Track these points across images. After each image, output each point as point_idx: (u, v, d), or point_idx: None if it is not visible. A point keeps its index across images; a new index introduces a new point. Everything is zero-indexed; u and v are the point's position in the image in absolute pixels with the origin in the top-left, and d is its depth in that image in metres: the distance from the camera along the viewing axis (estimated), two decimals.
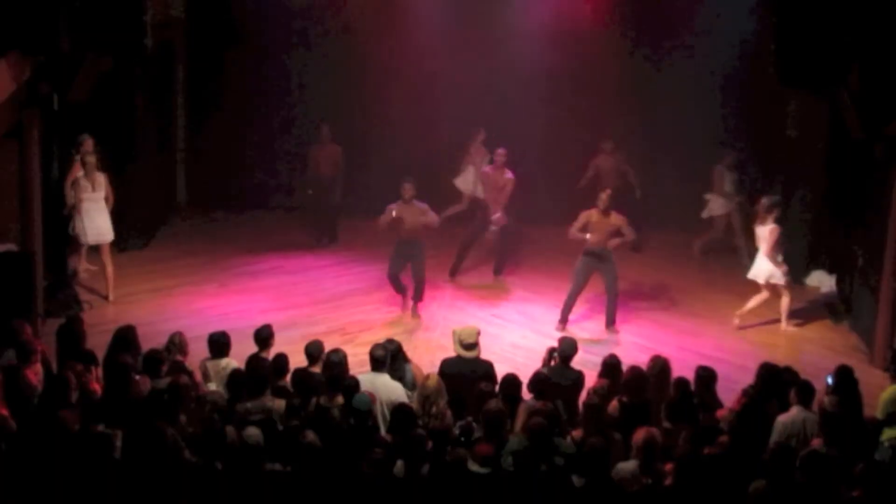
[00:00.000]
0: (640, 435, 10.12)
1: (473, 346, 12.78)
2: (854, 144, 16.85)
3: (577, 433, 10.96)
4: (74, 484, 10.06)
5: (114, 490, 10.03)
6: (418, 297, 17.25)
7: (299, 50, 21.36)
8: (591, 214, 16.58)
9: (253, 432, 10.23)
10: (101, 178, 17.35)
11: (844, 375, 12.14)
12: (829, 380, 12.23)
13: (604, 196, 16.65)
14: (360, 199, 20.53)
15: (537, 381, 11.77)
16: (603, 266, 16.75)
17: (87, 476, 10.10)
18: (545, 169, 20.81)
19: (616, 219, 16.65)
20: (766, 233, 16.89)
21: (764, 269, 17.01)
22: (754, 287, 18.09)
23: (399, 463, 10.18)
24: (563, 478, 9.99)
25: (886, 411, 11.99)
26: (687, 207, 20.06)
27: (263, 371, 11.82)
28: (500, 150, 18.35)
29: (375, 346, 12.29)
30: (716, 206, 19.76)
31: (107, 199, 17.47)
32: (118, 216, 18.65)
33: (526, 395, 11.74)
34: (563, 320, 16.83)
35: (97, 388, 11.62)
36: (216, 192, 21.89)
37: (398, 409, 10.94)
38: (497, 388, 11.83)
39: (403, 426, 10.63)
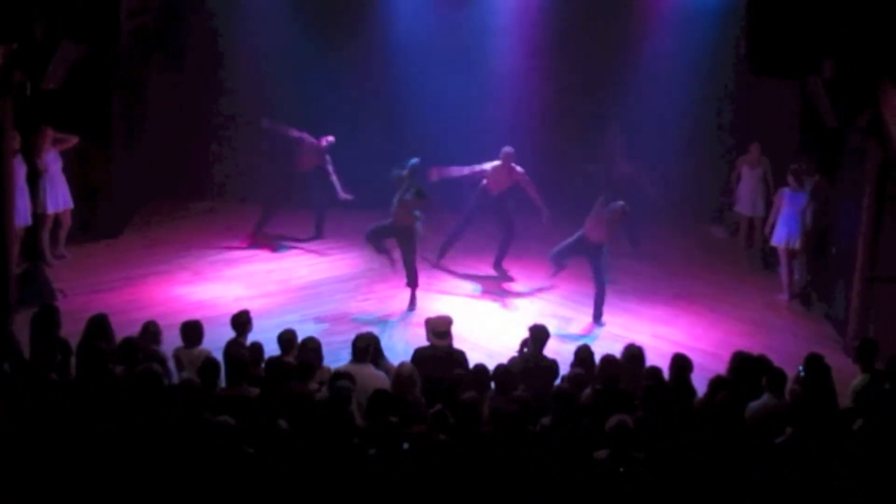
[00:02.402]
0: (612, 423, 10.13)
1: (445, 334, 12.82)
2: (827, 133, 16.90)
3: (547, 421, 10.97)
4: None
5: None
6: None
7: (275, 35, 21.25)
8: None
9: (227, 419, 10.22)
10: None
11: (815, 364, 12.20)
12: (801, 369, 12.29)
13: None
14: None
15: (500, 372, 11.78)
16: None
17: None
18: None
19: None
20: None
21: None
22: (728, 276, 18.26)
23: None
24: (534, 465, 9.99)
25: (855, 400, 12.05)
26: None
27: (241, 358, 11.79)
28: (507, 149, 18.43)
29: (359, 337, 12.26)
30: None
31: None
32: (91, 204, 18.68)
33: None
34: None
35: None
36: (190, 181, 21.84)
37: (376, 395, 10.92)
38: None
39: (379, 412, 10.60)
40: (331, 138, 19.45)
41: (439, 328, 12.86)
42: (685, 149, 20.79)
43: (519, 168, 18.30)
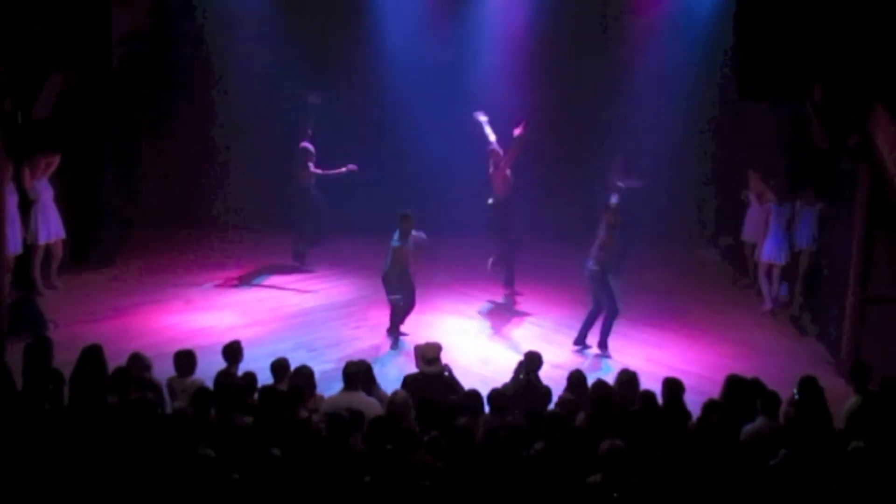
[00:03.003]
0: (605, 447, 10.11)
1: (435, 360, 12.85)
2: (818, 156, 16.96)
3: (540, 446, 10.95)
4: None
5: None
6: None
7: (265, 59, 21.30)
8: None
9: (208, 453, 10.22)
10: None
11: (809, 386, 12.19)
12: (795, 391, 12.28)
13: None
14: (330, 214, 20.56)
15: (494, 397, 11.76)
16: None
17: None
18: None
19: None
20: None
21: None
22: (720, 298, 18.29)
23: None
24: (527, 490, 9.97)
25: (849, 422, 12.05)
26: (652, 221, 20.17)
27: (233, 387, 11.76)
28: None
29: (349, 364, 12.23)
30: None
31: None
32: (83, 234, 18.69)
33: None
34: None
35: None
36: (181, 209, 21.84)
37: (377, 421, 10.90)
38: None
39: (376, 439, 10.59)
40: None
41: (428, 354, 12.89)
42: (675, 173, 20.83)
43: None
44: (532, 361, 12.83)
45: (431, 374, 12.83)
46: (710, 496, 9.85)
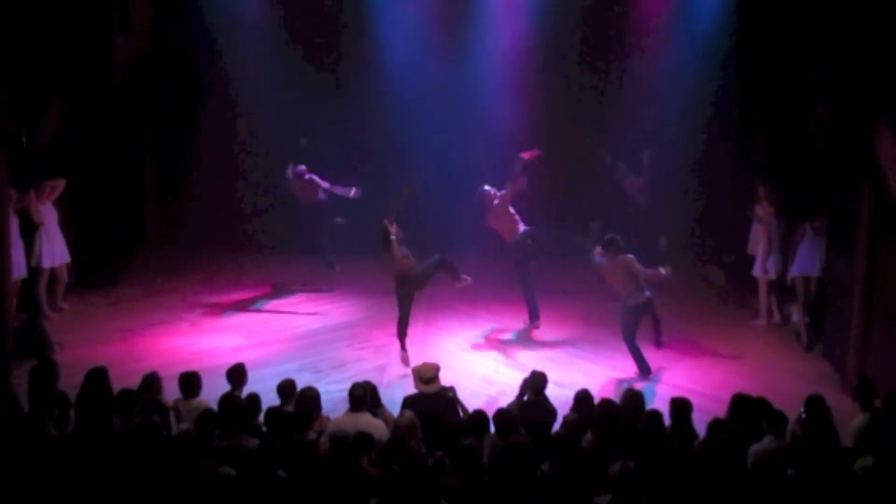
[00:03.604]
0: (615, 468, 10.11)
1: (432, 380, 12.85)
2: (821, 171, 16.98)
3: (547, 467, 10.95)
4: None
5: None
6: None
7: (266, 81, 21.33)
8: None
9: (228, 470, 10.21)
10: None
11: (816, 404, 12.18)
12: (802, 410, 12.28)
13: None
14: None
15: (500, 417, 11.76)
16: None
17: None
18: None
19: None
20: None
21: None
22: (726, 317, 18.31)
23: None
24: None
25: (856, 440, 12.04)
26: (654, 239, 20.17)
27: (237, 410, 11.77)
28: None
29: (355, 386, 12.24)
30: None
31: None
32: (88, 256, 18.72)
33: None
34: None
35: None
36: (187, 230, 21.90)
37: (389, 445, 10.90)
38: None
39: (383, 461, 10.61)
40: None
41: (426, 374, 12.91)
42: (682, 192, 20.88)
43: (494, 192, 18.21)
44: (537, 381, 12.82)
45: (430, 394, 12.83)
46: None
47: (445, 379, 13.14)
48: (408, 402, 12.66)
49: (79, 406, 12.15)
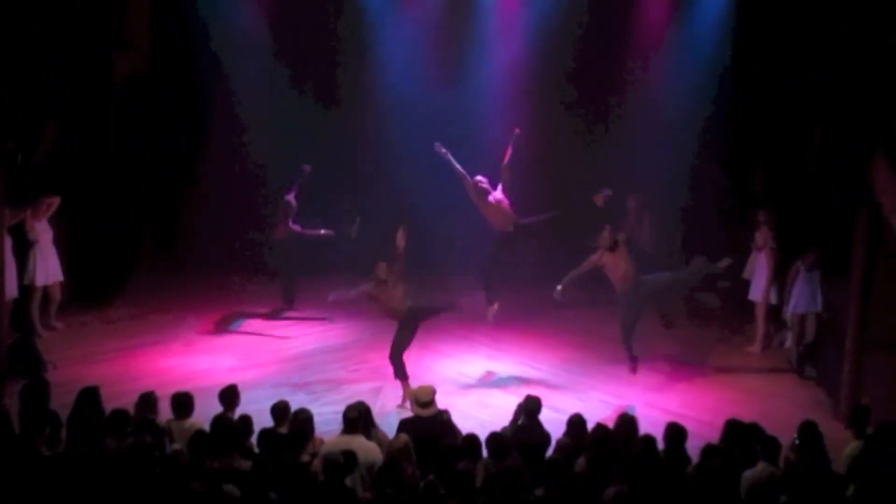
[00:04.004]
0: (609, 493, 10.09)
1: (429, 403, 12.83)
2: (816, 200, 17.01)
3: (541, 492, 10.93)
4: None
5: None
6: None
7: (262, 100, 21.35)
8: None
9: (229, 488, 10.21)
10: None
11: (809, 430, 12.17)
12: (796, 436, 12.28)
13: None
14: (322, 257, 20.56)
15: (492, 441, 11.74)
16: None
17: None
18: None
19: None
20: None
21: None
22: (720, 343, 18.31)
23: None
24: None
25: (849, 467, 12.04)
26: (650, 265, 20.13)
27: (229, 431, 11.74)
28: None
29: (349, 408, 12.21)
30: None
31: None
32: (82, 274, 18.70)
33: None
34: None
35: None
36: (182, 249, 21.90)
37: (384, 469, 10.89)
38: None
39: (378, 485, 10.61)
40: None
41: (423, 398, 12.87)
42: (679, 215, 20.88)
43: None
44: (531, 405, 12.80)
45: (427, 418, 12.81)
46: None
47: (439, 402, 13.12)
48: (404, 425, 12.64)
49: (70, 426, 12.12)
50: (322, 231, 19.47)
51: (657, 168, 20.67)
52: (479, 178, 18.00)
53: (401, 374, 16.11)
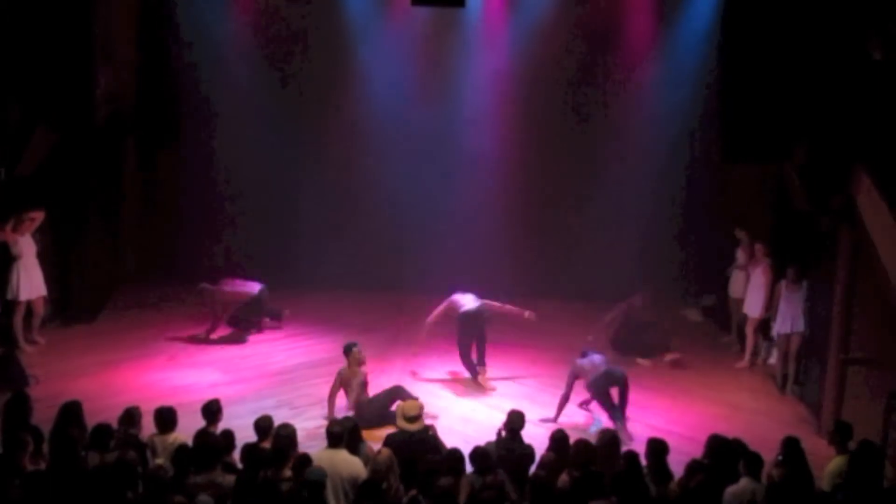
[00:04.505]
0: None
1: (416, 418, 12.84)
2: (799, 217, 17.05)
3: None
4: None
5: None
6: None
7: (247, 118, 21.33)
8: None
9: (205, 499, 10.19)
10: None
11: (792, 446, 12.21)
12: (780, 452, 12.32)
13: None
14: (305, 272, 20.58)
15: (477, 456, 11.74)
16: None
17: None
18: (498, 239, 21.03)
19: None
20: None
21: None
22: (703, 359, 18.34)
23: None
24: None
25: (832, 483, 12.07)
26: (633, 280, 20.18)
27: (212, 446, 11.72)
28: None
29: (332, 423, 12.26)
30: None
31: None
32: (66, 288, 18.68)
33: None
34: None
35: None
36: (165, 264, 21.90)
37: (367, 484, 10.88)
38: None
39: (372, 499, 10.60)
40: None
41: (410, 413, 12.88)
42: (660, 233, 20.96)
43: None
44: (514, 421, 12.81)
45: (413, 433, 12.81)
46: None
47: (423, 416, 13.13)
48: (390, 441, 12.63)
49: (52, 441, 12.09)
50: (257, 288, 19.24)
51: (644, 186, 20.78)
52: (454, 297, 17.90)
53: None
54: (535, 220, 21.48)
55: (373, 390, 16.02)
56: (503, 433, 12.85)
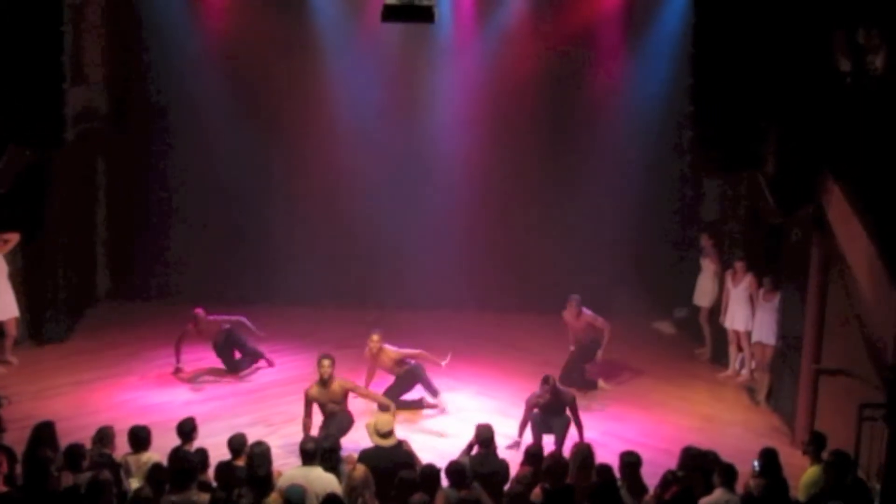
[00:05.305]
0: None
1: (390, 434, 12.81)
2: (770, 228, 17.11)
3: None
4: None
5: None
6: None
7: (219, 136, 21.31)
8: None
9: None
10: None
11: (770, 458, 12.24)
12: (756, 463, 12.35)
13: None
14: (279, 288, 20.57)
15: (452, 470, 11.74)
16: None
17: None
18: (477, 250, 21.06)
19: None
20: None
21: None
22: (677, 371, 18.37)
23: None
24: None
25: (808, 493, 12.11)
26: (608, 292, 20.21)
27: (188, 464, 11.70)
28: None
29: (305, 440, 12.25)
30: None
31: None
32: (38, 308, 18.62)
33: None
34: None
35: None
36: (137, 283, 21.86)
37: (328, 499, 10.87)
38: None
39: None
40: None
41: (383, 428, 12.85)
42: (632, 244, 21.01)
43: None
44: (483, 434, 12.80)
45: (387, 448, 12.79)
46: None
47: (398, 432, 13.13)
48: (364, 457, 12.61)
49: (25, 462, 12.05)
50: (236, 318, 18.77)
51: (617, 198, 20.86)
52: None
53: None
54: (509, 233, 21.46)
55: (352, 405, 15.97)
56: (476, 448, 12.84)
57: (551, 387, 15.11)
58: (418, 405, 16.97)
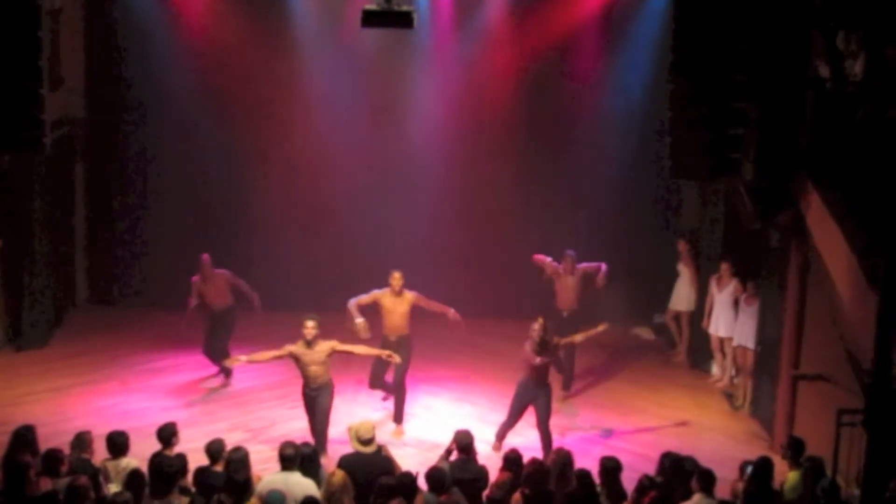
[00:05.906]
0: None
1: (370, 440, 12.76)
2: (749, 233, 17.15)
3: None
4: None
5: None
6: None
7: (197, 142, 21.29)
8: None
9: None
10: None
11: (763, 466, 12.22)
12: (748, 469, 12.37)
13: None
14: (258, 293, 20.54)
15: (432, 476, 11.72)
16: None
17: None
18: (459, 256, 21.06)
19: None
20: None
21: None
22: (656, 377, 18.39)
23: None
24: None
25: (790, 498, 12.13)
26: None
27: (168, 469, 11.68)
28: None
29: (284, 445, 12.20)
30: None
31: None
32: (17, 314, 18.55)
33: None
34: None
35: None
36: (116, 289, 21.80)
37: (306, 502, 10.86)
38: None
39: None
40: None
41: (364, 435, 12.79)
42: (611, 250, 21.00)
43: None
44: (461, 440, 12.78)
45: (367, 454, 12.76)
46: None
47: (378, 438, 13.11)
48: (344, 463, 12.58)
49: (4, 467, 12.00)
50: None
51: (597, 202, 20.92)
52: None
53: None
54: (488, 238, 21.46)
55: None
56: (455, 454, 12.82)
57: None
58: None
